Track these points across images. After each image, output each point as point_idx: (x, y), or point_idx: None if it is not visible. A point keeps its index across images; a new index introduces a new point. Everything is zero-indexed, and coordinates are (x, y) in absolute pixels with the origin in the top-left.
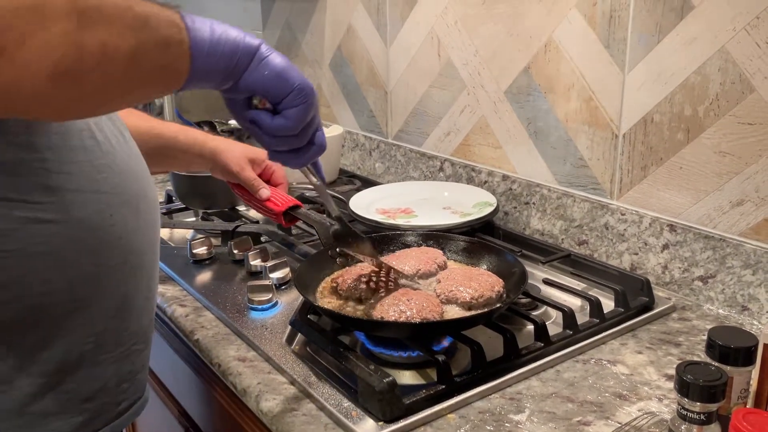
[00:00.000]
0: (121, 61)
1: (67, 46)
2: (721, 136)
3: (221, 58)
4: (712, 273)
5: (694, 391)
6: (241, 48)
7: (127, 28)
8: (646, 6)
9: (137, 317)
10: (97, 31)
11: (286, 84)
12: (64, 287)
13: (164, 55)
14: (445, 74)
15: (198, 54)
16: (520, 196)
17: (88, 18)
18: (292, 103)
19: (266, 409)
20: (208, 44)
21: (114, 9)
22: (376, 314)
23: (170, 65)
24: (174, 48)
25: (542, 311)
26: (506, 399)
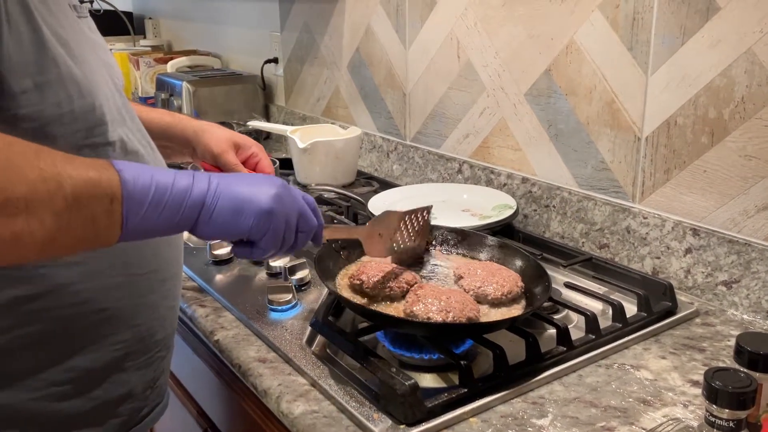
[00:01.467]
0: (35, 245)
1: None
2: (746, 139)
3: (160, 219)
4: (736, 278)
5: (722, 397)
6: (186, 207)
7: (49, 214)
8: (670, 8)
9: (162, 325)
10: (14, 222)
11: (242, 225)
12: (94, 297)
13: (89, 229)
14: (465, 76)
15: (131, 222)
16: (540, 198)
17: (9, 211)
18: (257, 236)
19: (287, 411)
20: (144, 211)
21: (42, 195)
22: (420, 314)
23: (95, 238)
24: (101, 221)
25: (564, 315)
26: (528, 403)
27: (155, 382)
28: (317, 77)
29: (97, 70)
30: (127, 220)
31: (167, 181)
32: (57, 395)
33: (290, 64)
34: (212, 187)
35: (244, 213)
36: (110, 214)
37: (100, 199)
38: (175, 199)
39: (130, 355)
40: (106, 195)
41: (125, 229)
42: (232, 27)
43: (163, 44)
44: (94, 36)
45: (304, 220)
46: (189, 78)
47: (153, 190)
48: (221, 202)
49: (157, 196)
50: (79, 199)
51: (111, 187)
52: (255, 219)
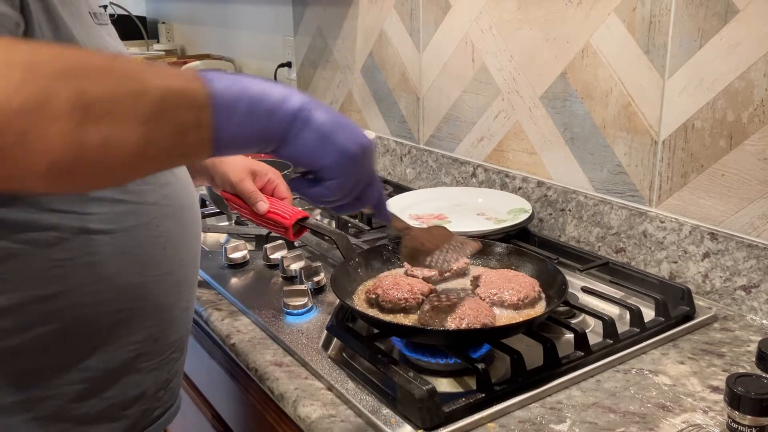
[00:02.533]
0: (125, 155)
1: (65, 146)
2: (766, 143)
3: (251, 132)
4: (755, 282)
5: (745, 403)
6: (275, 120)
7: (136, 120)
8: (687, 11)
9: (176, 327)
10: (100, 127)
11: (324, 158)
12: (109, 298)
13: (179, 142)
14: (479, 79)
15: (222, 134)
16: (555, 202)
17: (92, 113)
18: (330, 175)
19: (304, 415)
20: (236, 122)
21: (124, 99)
22: (435, 325)
23: (187, 150)
24: (191, 134)
25: (581, 319)
26: (546, 409)
27: (168, 384)
28: (330, 81)
29: None
30: (218, 132)
31: (258, 93)
32: (72, 395)
33: (303, 68)
34: (305, 107)
35: (329, 146)
36: (200, 125)
37: (188, 108)
38: (267, 112)
39: (144, 356)
40: (194, 104)
41: (217, 141)
42: (245, 31)
43: (176, 49)
44: (115, 43)
45: (371, 189)
46: None
47: (245, 101)
48: (311, 126)
49: (248, 108)
50: (165, 107)
51: (199, 97)
52: (337, 156)
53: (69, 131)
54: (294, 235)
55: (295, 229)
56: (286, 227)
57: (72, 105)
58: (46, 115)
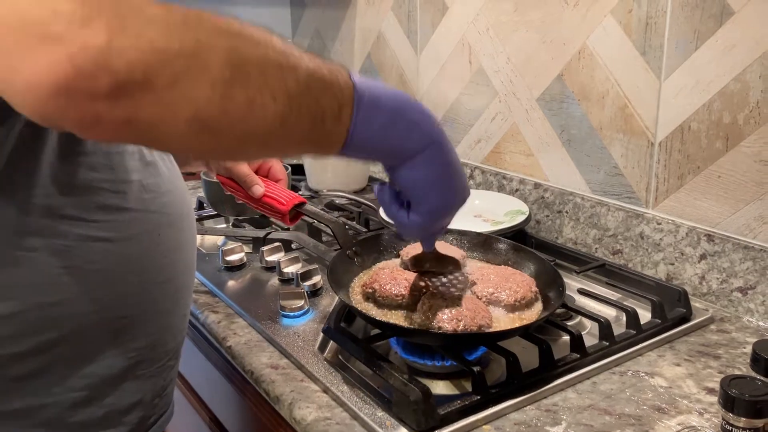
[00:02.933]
0: (265, 123)
1: (212, 97)
2: (762, 144)
3: (384, 140)
4: (752, 284)
5: (739, 405)
6: (416, 135)
7: (282, 92)
8: (683, 13)
9: (174, 334)
10: (248, 89)
11: (439, 194)
12: (112, 305)
13: (316, 127)
14: (476, 81)
15: (356, 133)
16: (552, 204)
17: (243, 73)
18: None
19: (299, 417)
20: (374, 126)
21: (275, 68)
22: (435, 324)
23: (321, 138)
24: (329, 123)
25: (577, 321)
26: (542, 411)
27: (164, 391)
28: None
29: None
30: (354, 129)
31: (404, 103)
32: (72, 402)
33: None
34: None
35: (447, 190)
36: (339, 117)
37: (332, 97)
38: (404, 126)
39: (143, 363)
40: (338, 96)
41: (350, 138)
42: None
43: None
44: None
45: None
46: None
47: (388, 108)
48: (437, 159)
49: (390, 115)
50: (312, 89)
51: (345, 90)
52: (447, 201)
53: (219, 84)
54: (291, 221)
55: (291, 214)
56: (282, 213)
57: (226, 60)
58: (201, 64)
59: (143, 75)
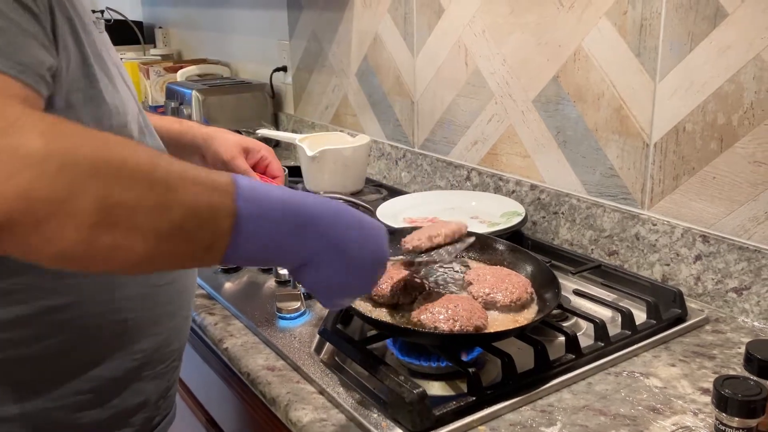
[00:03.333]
0: (130, 262)
1: (76, 242)
2: (756, 145)
3: (267, 255)
4: (746, 285)
5: (732, 405)
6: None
7: (151, 234)
8: (678, 14)
9: (178, 335)
10: (115, 234)
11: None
12: (117, 308)
13: (188, 256)
14: (473, 83)
15: (230, 254)
16: (548, 205)
17: (111, 219)
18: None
19: (295, 419)
20: (253, 246)
21: (147, 212)
22: (427, 323)
23: (193, 263)
24: (202, 253)
25: (573, 322)
26: (537, 411)
27: (168, 392)
28: (325, 85)
29: (122, 85)
30: (230, 252)
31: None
32: (79, 405)
33: (299, 72)
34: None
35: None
36: (212, 247)
37: (208, 231)
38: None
39: (147, 364)
40: (216, 229)
41: (226, 258)
42: (241, 36)
43: (172, 53)
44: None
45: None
46: (198, 87)
47: (270, 225)
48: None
49: (273, 231)
50: (185, 228)
51: (222, 223)
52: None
53: (83, 229)
54: None
55: None
56: None
57: (95, 207)
58: (68, 210)
59: (5, 219)
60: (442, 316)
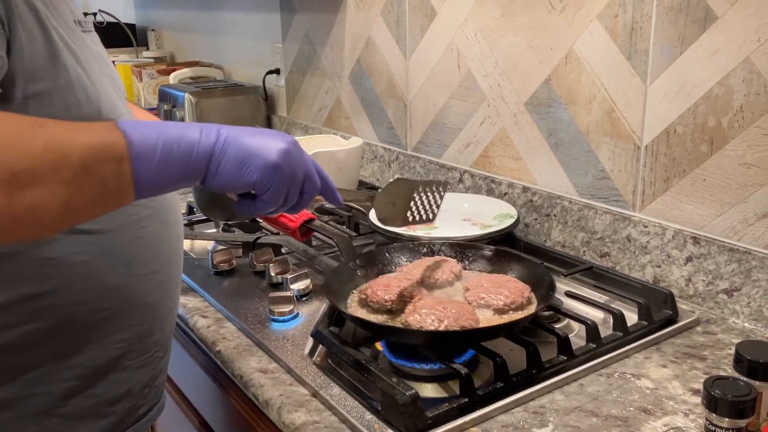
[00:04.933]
0: (53, 215)
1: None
2: (745, 147)
3: (171, 174)
4: (737, 286)
5: (722, 406)
6: (194, 159)
7: (59, 184)
8: (668, 17)
9: (161, 326)
10: (27, 195)
11: (248, 177)
12: (97, 296)
13: (102, 192)
14: (465, 86)
15: (142, 180)
16: (540, 207)
17: (19, 184)
18: (262, 190)
19: (288, 421)
20: (154, 167)
21: (48, 166)
22: (414, 324)
23: (110, 199)
24: (112, 184)
25: (564, 324)
26: (529, 413)
27: (153, 382)
28: (318, 88)
29: (101, 79)
30: (137, 179)
31: (175, 137)
32: (60, 392)
33: (292, 74)
34: (221, 139)
35: (250, 165)
36: (120, 175)
37: (108, 162)
38: (184, 153)
39: (130, 353)
40: (113, 158)
41: (138, 186)
42: (234, 38)
43: (165, 56)
44: (98, 49)
45: (309, 181)
46: (191, 89)
47: (160, 147)
48: (229, 153)
49: (165, 153)
50: (87, 166)
51: (117, 150)
52: (261, 171)
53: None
54: (302, 236)
55: (302, 231)
56: (292, 230)
57: (1, 179)
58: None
59: None
60: (430, 318)
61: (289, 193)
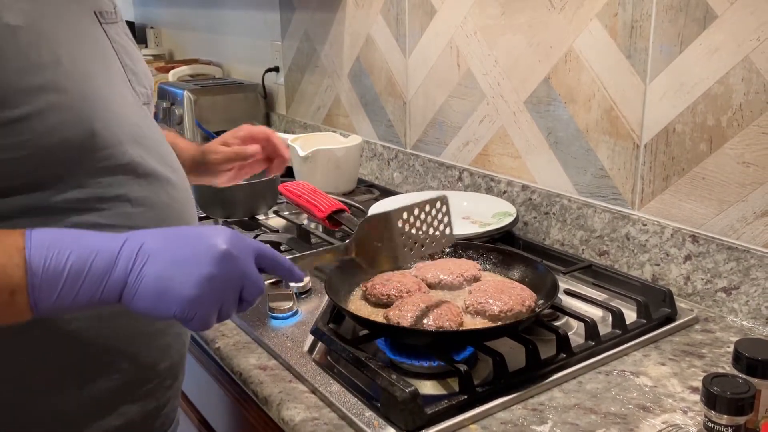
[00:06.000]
0: None
1: None
2: (744, 146)
3: (75, 304)
4: (735, 284)
5: (721, 403)
6: (104, 291)
7: None
8: (668, 16)
9: (167, 354)
10: None
11: (165, 311)
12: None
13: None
14: (465, 84)
15: (41, 308)
16: (539, 206)
17: None
18: (185, 320)
19: (287, 418)
20: (54, 299)
21: None
22: (393, 318)
23: (6, 320)
24: (7, 309)
25: (564, 322)
26: (528, 410)
27: (159, 412)
28: (318, 86)
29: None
30: (36, 307)
31: (83, 263)
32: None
33: (291, 72)
34: (137, 266)
35: (165, 302)
36: (11, 304)
37: (2, 291)
38: (92, 283)
39: (127, 384)
40: (6, 288)
41: (36, 311)
42: (233, 36)
43: (164, 53)
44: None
45: (249, 288)
46: (190, 87)
47: (65, 276)
48: (144, 285)
49: (70, 283)
50: None
51: (12, 279)
52: (177, 309)
53: None
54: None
55: (331, 221)
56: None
57: None
58: None
59: None
60: (409, 315)
61: (222, 311)
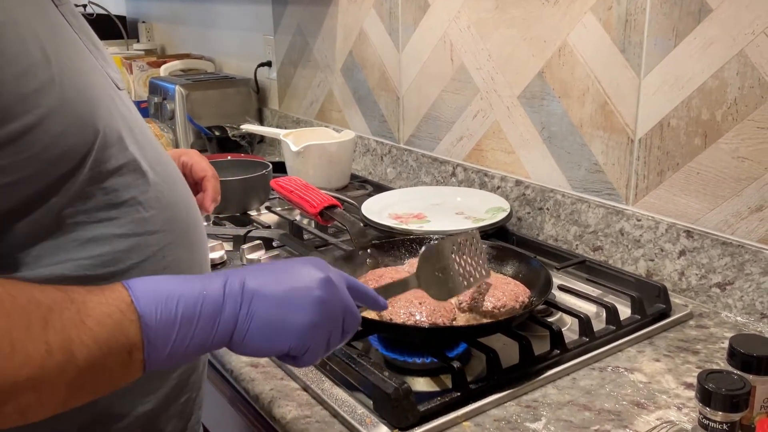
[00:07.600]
0: (47, 412)
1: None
2: (739, 141)
3: (186, 355)
4: (730, 280)
5: (716, 400)
6: (216, 336)
7: (60, 385)
8: (662, 10)
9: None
10: (20, 400)
11: (279, 347)
12: None
13: (105, 383)
14: (458, 79)
15: (152, 363)
16: (533, 201)
17: (15, 391)
18: (299, 353)
19: (279, 416)
20: (168, 350)
21: (51, 371)
22: (385, 315)
23: (113, 386)
24: (118, 372)
25: (557, 317)
26: (522, 407)
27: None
28: (310, 80)
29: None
30: (148, 363)
31: (193, 309)
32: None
33: (283, 67)
34: (244, 305)
35: (280, 335)
36: (128, 364)
37: (117, 354)
38: (203, 329)
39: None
40: (124, 349)
41: (148, 367)
42: (225, 30)
43: (156, 48)
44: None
45: (348, 318)
46: (182, 82)
47: (178, 325)
48: (255, 323)
49: (182, 331)
50: (93, 365)
51: (129, 338)
52: (293, 341)
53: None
54: (324, 221)
55: (324, 216)
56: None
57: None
58: None
59: None
60: (401, 311)
61: (330, 344)
